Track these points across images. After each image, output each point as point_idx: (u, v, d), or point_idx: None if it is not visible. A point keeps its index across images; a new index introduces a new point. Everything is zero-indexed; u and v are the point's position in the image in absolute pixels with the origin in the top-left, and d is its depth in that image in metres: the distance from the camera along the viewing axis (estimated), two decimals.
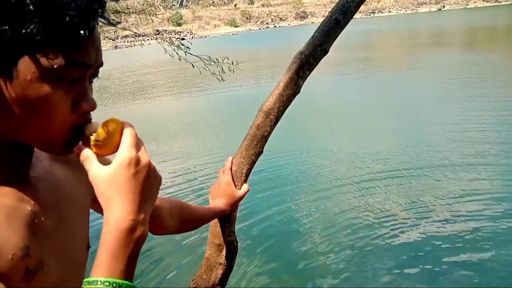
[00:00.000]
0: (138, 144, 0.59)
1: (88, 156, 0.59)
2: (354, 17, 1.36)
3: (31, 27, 0.50)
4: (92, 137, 0.59)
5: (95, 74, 0.61)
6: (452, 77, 10.91)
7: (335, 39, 1.32)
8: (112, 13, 6.00)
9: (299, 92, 1.30)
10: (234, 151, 1.35)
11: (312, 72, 1.33)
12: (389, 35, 32.28)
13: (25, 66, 0.52)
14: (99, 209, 0.78)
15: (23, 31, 0.50)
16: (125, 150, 0.57)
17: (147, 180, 0.58)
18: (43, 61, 0.52)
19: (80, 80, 0.57)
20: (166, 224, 1.01)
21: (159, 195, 0.65)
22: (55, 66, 0.53)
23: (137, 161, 0.57)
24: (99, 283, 0.54)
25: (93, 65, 0.58)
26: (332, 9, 1.31)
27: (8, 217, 0.55)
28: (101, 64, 0.60)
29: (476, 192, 4.49)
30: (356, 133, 6.99)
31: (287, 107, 1.29)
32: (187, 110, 11.22)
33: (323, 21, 1.31)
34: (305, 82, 1.32)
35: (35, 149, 0.64)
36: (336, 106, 9.57)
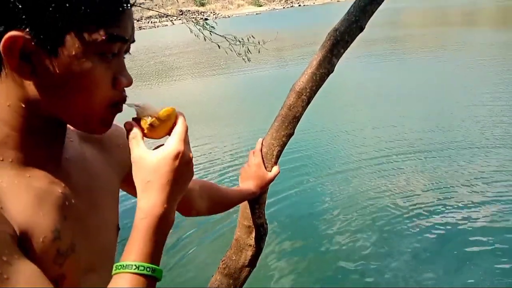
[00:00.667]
0: (186, 138, 0.60)
1: (136, 135, 0.60)
2: None
3: (74, 1, 0.51)
4: (148, 120, 0.60)
5: (128, 50, 0.62)
6: (484, 57, 10.52)
7: (371, 15, 1.25)
8: None
9: (333, 71, 1.25)
10: (265, 133, 1.32)
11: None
12: (419, 13, 31.24)
13: (70, 42, 0.53)
14: (128, 189, 0.78)
15: (67, 5, 0.50)
16: (176, 143, 0.59)
17: (185, 174, 0.60)
18: (87, 36, 0.53)
19: (118, 55, 0.58)
20: (196, 206, 1.00)
21: None
22: (98, 40, 0.54)
23: (183, 156, 0.59)
24: (133, 267, 0.55)
25: (129, 39, 0.58)
26: None
27: (40, 200, 0.55)
28: (134, 40, 0.60)
29: (503, 176, 4.36)
30: (382, 115, 6.85)
31: (320, 87, 1.24)
32: (214, 91, 11.21)
33: None
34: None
35: (67, 129, 0.63)
36: (363, 86, 9.38)
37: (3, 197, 0.52)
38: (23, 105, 0.55)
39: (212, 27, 5.50)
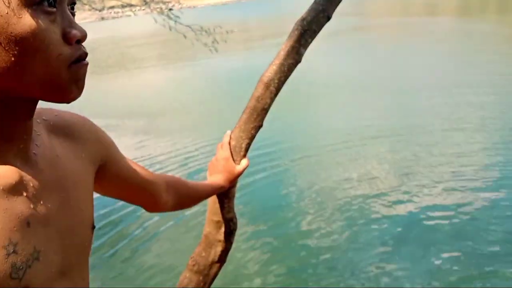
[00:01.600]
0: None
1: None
2: None
3: None
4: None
5: (73, 2, 0.57)
6: (444, 45, 10.86)
7: (338, 4, 1.24)
8: None
9: (300, 61, 1.23)
10: (232, 125, 1.29)
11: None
12: (382, 4, 31.81)
13: None
14: (99, 190, 0.76)
15: None
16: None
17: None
18: None
19: (60, 6, 0.53)
20: (162, 200, 0.96)
21: (157, 171, 0.61)
22: None
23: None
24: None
25: None
26: None
27: None
28: None
29: (470, 159, 4.53)
30: (348, 103, 6.96)
31: (288, 78, 1.22)
32: (180, 83, 11.04)
33: None
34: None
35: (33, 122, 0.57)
36: (328, 76, 9.48)
37: None
38: None
39: (177, 16, 5.38)
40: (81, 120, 0.72)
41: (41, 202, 0.55)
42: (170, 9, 6.68)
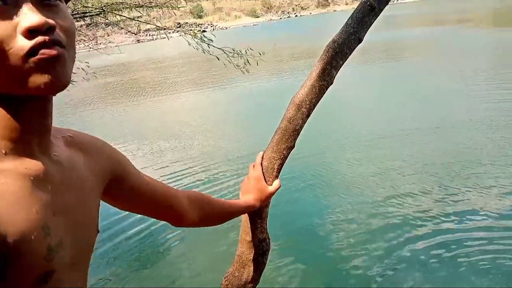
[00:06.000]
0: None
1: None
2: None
3: None
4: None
5: None
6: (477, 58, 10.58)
7: (369, 26, 1.25)
8: (135, 7, 6.01)
9: (331, 83, 1.24)
10: (265, 146, 1.31)
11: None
12: (414, 20, 31.46)
13: None
14: (107, 198, 0.80)
15: None
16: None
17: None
18: None
19: (16, 1, 0.53)
20: (186, 215, 0.99)
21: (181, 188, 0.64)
22: None
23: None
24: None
25: None
26: None
27: (30, 196, 0.55)
28: None
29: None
30: (382, 125, 6.84)
31: (319, 99, 1.23)
32: (212, 104, 11.20)
33: (356, 8, 1.25)
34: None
35: (51, 134, 0.63)
36: (362, 96, 9.40)
37: None
38: None
39: (210, 40, 5.52)
40: (95, 139, 0.77)
41: (62, 197, 0.61)
42: (204, 31, 6.84)
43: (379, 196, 4.39)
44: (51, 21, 0.54)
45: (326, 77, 1.21)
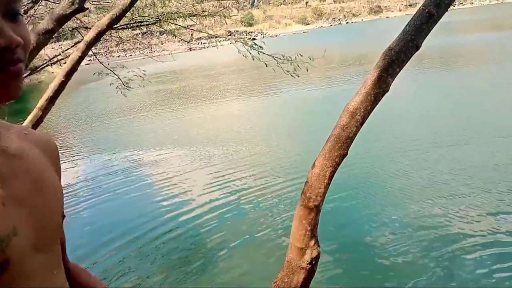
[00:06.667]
0: None
1: None
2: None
3: None
4: None
5: (13, 12, 0.59)
6: None
7: (427, 33, 1.22)
8: (189, 16, 6.19)
9: (387, 90, 1.22)
10: (315, 153, 1.30)
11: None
12: (472, 26, 30.11)
13: None
14: None
15: None
16: None
17: None
18: None
19: None
20: (66, 258, 0.89)
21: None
22: None
23: None
24: None
25: None
26: (425, 1, 1.22)
27: None
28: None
29: None
30: (437, 137, 6.58)
31: (374, 107, 1.22)
32: (262, 111, 11.26)
33: (414, 15, 1.22)
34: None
35: (4, 128, 0.66)
36: (414, 104, 9.10)
37: None
38: None
39: (260, 47, 5.57)
40: (50, 138, 0.80)
41: (13, 186, 0.62)
42: (254, 39, 6.93)
43: (429, 208, 4.23)
44: (20, 40, 0.57)
45: (382, 84, 1.20)
